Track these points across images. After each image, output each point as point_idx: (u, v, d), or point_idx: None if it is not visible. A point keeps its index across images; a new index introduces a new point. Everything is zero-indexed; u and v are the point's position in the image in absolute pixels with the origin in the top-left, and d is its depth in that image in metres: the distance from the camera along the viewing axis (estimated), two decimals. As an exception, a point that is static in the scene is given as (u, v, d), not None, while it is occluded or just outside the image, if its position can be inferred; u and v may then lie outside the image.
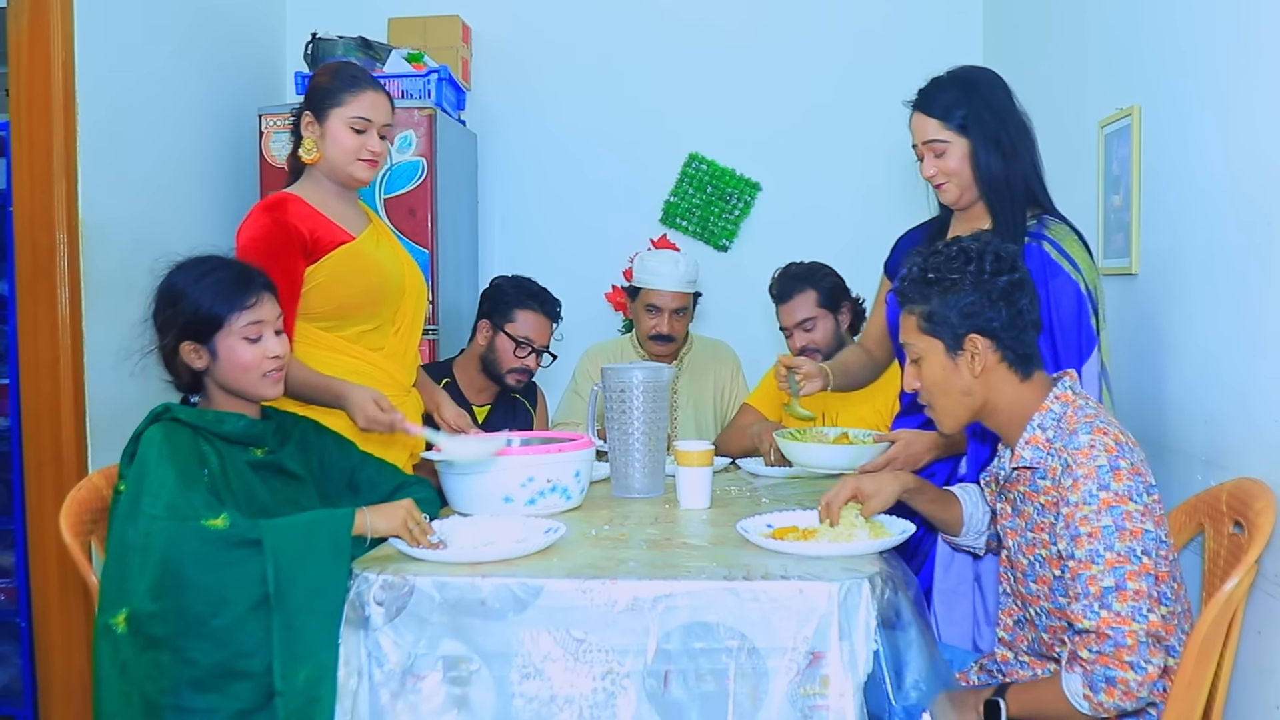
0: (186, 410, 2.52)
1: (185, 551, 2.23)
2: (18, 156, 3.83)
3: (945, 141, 2.78)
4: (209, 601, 2.22)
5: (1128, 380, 3.08)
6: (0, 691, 4.13)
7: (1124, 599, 2.04)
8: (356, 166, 3.06)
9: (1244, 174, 2.43)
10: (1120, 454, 2.17)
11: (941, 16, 5.22)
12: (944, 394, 2.36)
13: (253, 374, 2.54)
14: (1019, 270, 2.31)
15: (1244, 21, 2.45)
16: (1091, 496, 2.13)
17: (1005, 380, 2.32)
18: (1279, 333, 2.26)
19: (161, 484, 2.30)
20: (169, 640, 2.23)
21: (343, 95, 3.05)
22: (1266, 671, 2.27)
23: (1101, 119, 3.32)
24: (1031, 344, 2.33)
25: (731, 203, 5.37)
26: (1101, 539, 2.09)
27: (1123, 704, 2.04)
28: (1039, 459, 2.28)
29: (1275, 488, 2.22)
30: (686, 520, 2.78)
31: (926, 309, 2.32)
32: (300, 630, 2.20)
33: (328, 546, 2.27)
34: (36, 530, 3.89)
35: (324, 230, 3.00)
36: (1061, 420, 2.27)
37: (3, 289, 3.96)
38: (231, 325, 2.52)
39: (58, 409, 3.84)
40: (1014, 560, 2.42)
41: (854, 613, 2.13)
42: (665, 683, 2.15)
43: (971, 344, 2.28)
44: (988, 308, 2.27)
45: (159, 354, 2.59)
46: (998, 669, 2.55)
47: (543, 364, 3.97)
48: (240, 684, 2.22)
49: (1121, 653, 2.02)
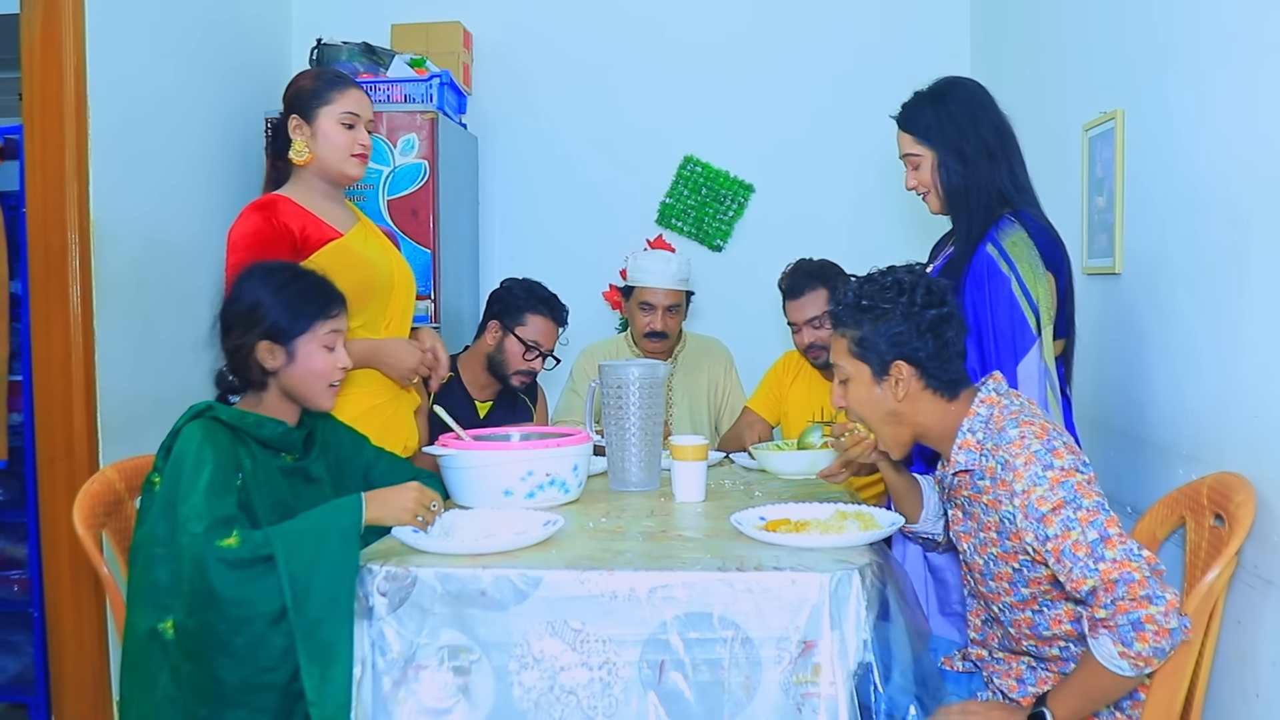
0: (229, 411, 2.50)
1: (207, 572, 2.22)
2: (30, 159, 3.83)
3: (918, 155, 2.86)
4: (230, 620, 2.22)
5: (1111, 377, 3.08)
6: (13, 680, 4.14)
7: (1112, 545, 2.03)
8: (349, 162, 3.12)
9: (1224, 176, 2.43)
10: (1051, 437, 2.20)
11: (930, 25, 5.22)
12: (871, 416, 2.40)
13: (322, 382, 2.57)
14: (948, 305, 2.35)
15: (1223, 26, 2.45)
16: (1039, 478, 2.14)
17: (930, 403, 2.36)
18: (1259, 331, 2.26)
19: (195, 491, 2.29)
20: (201, 655, 2.23)
21: (330, 94, 3.10)
22: (1247, 660, 2.27)
23: (1085, 122, 3.32)
24: (958, 371, 2.37)
25: (725, 204, 5.36)
26: (1067, 506, 2.10)
27: (1159, 644, 1.97)
28: (973, 461, 2.31)
29: (1255, 481, 2.22)
30: (681, 513, 2.78)
31: (858, 334, 2.36)
32: (322, 638, 2.19)
33: (339, 550, 2.26)
34: (49, 523, 3.89)
35: (313, 228, 3.03)
36: (989, 421, 2.30)
37: (16, 288, 3.95)
38: (316, 331, 2.55)
39: (70, 405, 3.84)
40: (970, 562, 2.43)
41: (845, 603, 2.13)
42: (661, 672, 2.15)
43: (897, 370, 2.32)
44: (914, 338, 2.31)
45: (229, 352, 2.56)
46: (976, 664, 2.55)
47: (545, 367, 3.96)
48: (266, 696, 2.22)
49: (1134, 589, 1.98)
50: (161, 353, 4.06)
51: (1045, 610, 2.28)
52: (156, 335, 4.08)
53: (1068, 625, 2.26)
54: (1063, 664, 2.32)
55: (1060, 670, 2.33)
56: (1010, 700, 2.39)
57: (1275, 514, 2.16)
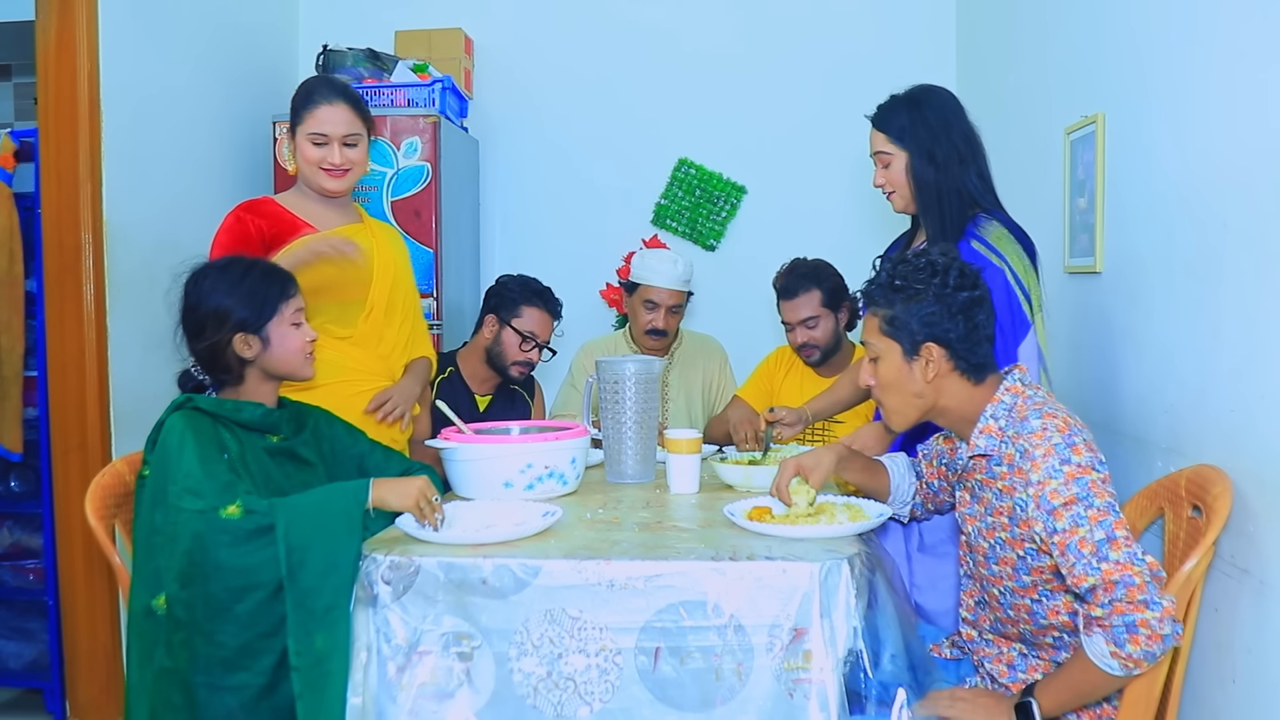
0: (207, 400, 2.52)
1: (207, 543, 2.23)
2: (45, 161, 3.85)
3: (889, 154, 2.88)
4: (231, 589, 2.23)
5: (1092, 372, 3.07)
6: (29, 666, 4.14)
7: (1118, 547, 2.01)
8: (320, 176, 3.14)
9: (1200, 178, 2.42)
10: (1072, 432, 2.17)
11: (916, 32, 5.22)
12: (897, 393, 2.36)
13: (299, 356, 2.61)
14: (980, 289, 2.32)
15: (1199, 32, 2.45)
16: (1055, 471, 2.12)
17: (957, 385, 2.32)
18: (1235, 327, 2.26)
19: (184, 471, 2.30)
20: (199, 624, 2.23)
21: (301, 113, 3.14)
22: (1223, 647, 2.26)
23: (1067, 126, 3.31)
24: (986, 355, 2.34)
25: (719, 205, 5.36)
26: (1079, 503, 2.07)
27: (1150, 649, 1.96)
28: (993, 446, 2.28)
29: (1231, 474, 2.21)
30: (676, 504, 2.77)
31: (890, 313, 2.33)
32: (312, 607, 2.20)
33: (340, 526, 2.27)
34: (63, 514, 3.90)
35: (287, 227, 3.07)
36: (1013, 410, 2.28)
37: (31, 286, 3.96)
38: (283, 313, 2.59)
39: (83, 399, 3.85)
40: (974, 544, 2.41)
41: (834, 591, 2.12)
42: (656, 659, 2.14)
43: (927, 352, 2.29)
44: (946, 319, 2.28)
45: (201, 353, 2.57)
46: (966, 646, 2.54)
47: (542, 359, 3.96)
48: (266, 660, 2.22)
49: (1133, 593, 1.96)
50: (171, 349, 4.03)
51: (1045, 600, 2.27)
52: (167, 332, 4.04)
53: (1065, 616, 2.25)
54: (1055, 652, 2.32)
55: (1052, 659, 2.32)
56: (999, 685, 2.39)
57: (1251, 505, 2.16)
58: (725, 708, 2.12)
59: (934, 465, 2.63)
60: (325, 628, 2.20)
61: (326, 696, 2.19)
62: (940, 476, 2.62)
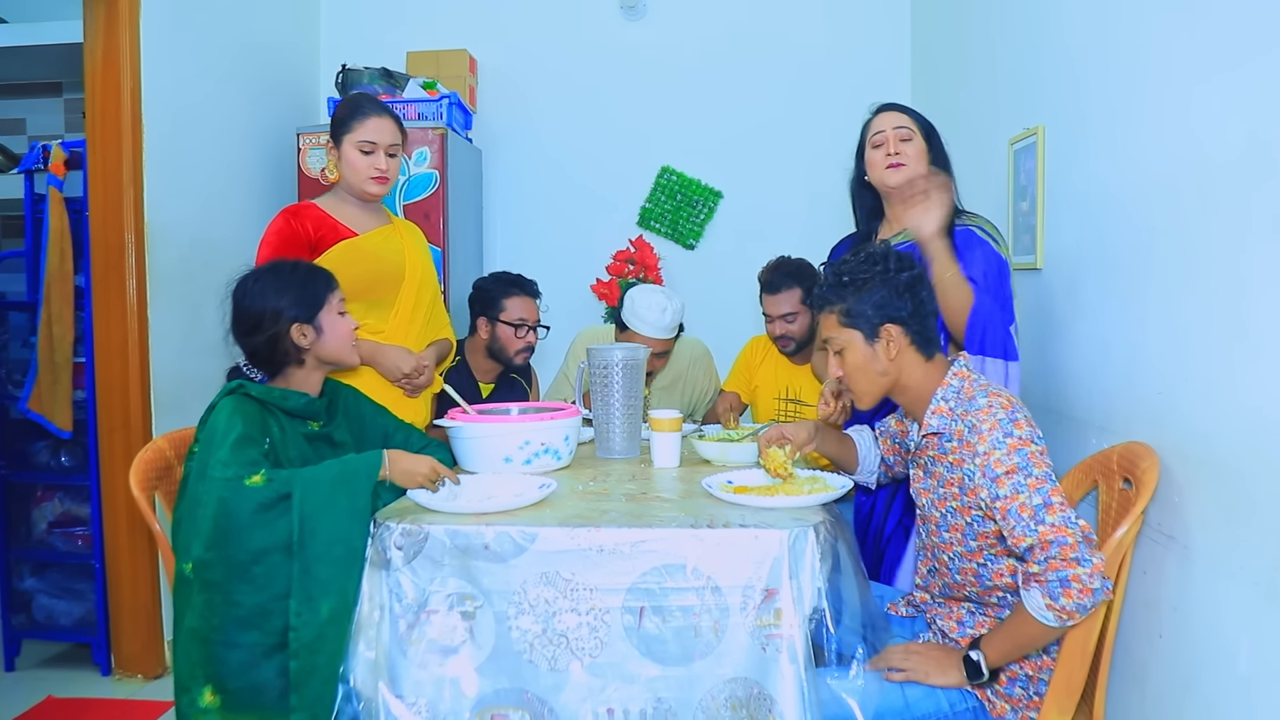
0: (257, 388, 2.47)
1: (231, 508, 2.19)
2: (93, 168, 3.85)
3: (912, 133, 2.85)
4: (250, 551, 2.19)
5: (1034, 359, 3.06)
6: (78, 623, 4.12)
7: (1053, 511, 2.01)
8: (368, 184, 3.10)
9: (1131, 184, 2.41)
10: (1015, 410, 2.17)
11: (875, 48, 5.21)
12: (864, 376, 2.35)
13: (347, 341, 2.61)
14: (917, 268, 2.34)
15: (1132, 53, 2.43)
16: (999, 443, 2.11)
17: (913, 361, 2.32)
18: (1161, 318, 2.24)
19: (224, 447, 2.27)
20: (219, 584, 2.20)
21: (351, 123, 3.09)
22: (1151, 606, 2.25)
23: (1011, 137, 3.29)
24: (933, 329, 2.34)
25: (697, 208, 5.34)
26: (1020, 471, 2.06)
27: (1082, 601, 1.96)
28: (944, 425, 2.28)
29: (1159, 449, 2.20)
30: (659, 477, 2.75)
31: (844, 306, 2.32)
32: (316, 575, 2.17)
33: (346, 503, 2.22)
34: (109, 486, 3.90)
35: (329, 230, 3.04)
36: (960, 392, 2.28)
37: (80, 281, 3.94)
38: (330, 302, 2.58)
39: (126, 383, 3.85)
40: (927, 515, 2.41)
41: (801, 556, 2.10)
42: (641, 617, 2.12)
43: (886, 332, 2.29)
44: (896, 299, 2.28)
45: (259, 346, 2.52)
46: (919, 606, 2.53)
47: (540, 337, 3.92)
48: (277, 620, 2.18)
49: (1066, 551, 1.96)
50: (206, 338, 4.02)
51: (990, 564, 2.26)
52: (202, 322, 4.06)
53: (1008, 579, 2.24)
54: (999, 610, 2.30)
55: (997, 616, 2.31)
56: (950, 640, 2.37)
57: (1176, 478, 2.14)
58: (704, 661, 2.10)
59: (889, 443, 2.66)
60: (328, 595, 2.16)
61: (320, 659, 2.15)
62: (895, 453, 2.65)
